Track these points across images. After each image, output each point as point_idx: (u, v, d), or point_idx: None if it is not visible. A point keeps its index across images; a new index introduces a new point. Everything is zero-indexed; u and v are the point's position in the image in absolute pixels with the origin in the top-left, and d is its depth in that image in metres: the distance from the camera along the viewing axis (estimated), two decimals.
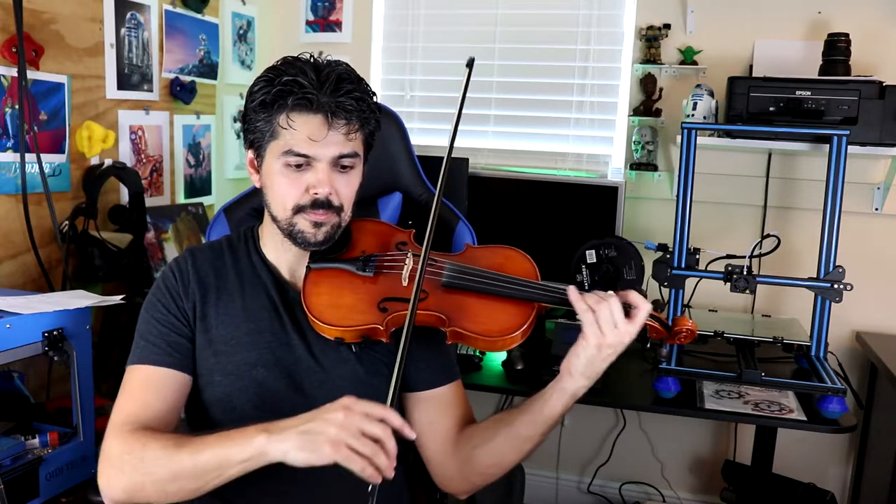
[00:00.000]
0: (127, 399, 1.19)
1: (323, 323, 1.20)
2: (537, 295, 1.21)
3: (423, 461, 1.33)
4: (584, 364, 1.15)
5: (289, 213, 1.20)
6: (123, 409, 1.18)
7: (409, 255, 1.26)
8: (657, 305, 2.40)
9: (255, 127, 1.20)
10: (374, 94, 1.23)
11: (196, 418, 1.28)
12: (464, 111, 3.00)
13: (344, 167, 1.21)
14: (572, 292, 1.16)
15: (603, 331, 1.12)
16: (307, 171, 1.19)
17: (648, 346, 2.30)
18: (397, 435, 1.33)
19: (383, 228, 1.36)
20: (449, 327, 1.20)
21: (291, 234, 1.22)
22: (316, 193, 1.18)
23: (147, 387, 1.20)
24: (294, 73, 1.16)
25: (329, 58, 1.22)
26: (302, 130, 1.16)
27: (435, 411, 1.30)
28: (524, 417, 1.21)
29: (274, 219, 1.24)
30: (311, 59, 1.20)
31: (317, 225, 1.20)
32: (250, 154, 1.25)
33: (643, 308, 1.14)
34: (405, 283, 1.23)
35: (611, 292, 1.15)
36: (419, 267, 1.15)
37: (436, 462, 1.30)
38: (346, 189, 1.22)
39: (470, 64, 1.23)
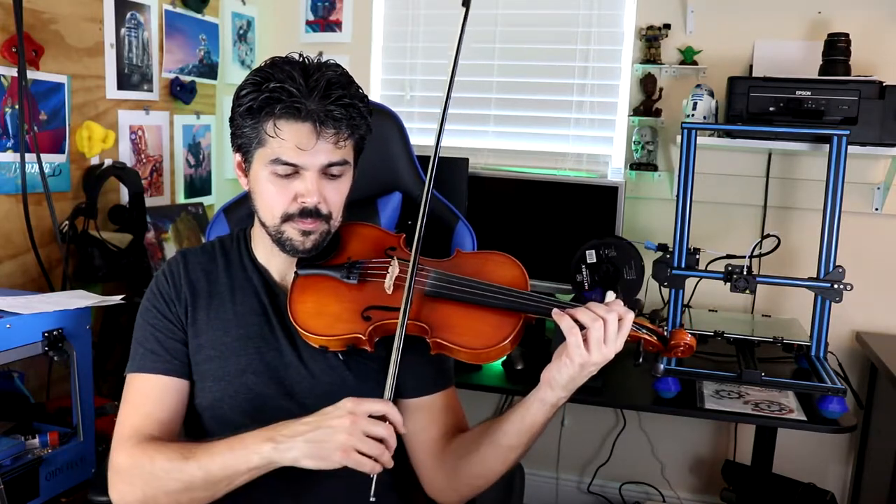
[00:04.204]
0: (130, 411, 1.20)
1: (307, 332, 1.19)
2: (523, 305, 1.17)
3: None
4: (565, 380, 1.10)
5: (277, 220, 1.19)
6: (127, 423, 1.18)
7: (395, 261, 1.23)
8: (656, 316, 2.39)
9: (243, 132, 1.18)
10: (365, 97, 1.20)
11: (189, 423, 1.27)
12: (464, 111, 2.99)
13: (333, 175, 1.19)
14: (556, 312, 1.11)
15: (590, 350, 1.07)
16: (295, 179, 1.17)
17: (641, 360, 2.26)
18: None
19: (373, 233, 1.33)
20: (431, 338, 1.17)
21: (280, 242, 1.21)
22: (304, 202, 1.17)
23: (148, 397, 1.20)
24: (282, 78, 1.13)
25: (319, 59, 1.19)
26: (289, 139, 1.13)
27: (424, 419, 1.27)
28: (506, 427, 1.17)
29: (263, 224, 1.22)
30: (301, 61, 1.17)
31: (305, 233, 1.19)
32: (238, 157, 1.24)
33: (626, 319, 1.08)
34: (389, 292, 1.20)
35: (606, 308, 1.09)
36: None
37: (425, 471, 1.27)
38: (335, 197, 1.20)
39: (466, 3, 1.17)
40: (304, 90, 1.13)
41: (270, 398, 1.21)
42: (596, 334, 1.07)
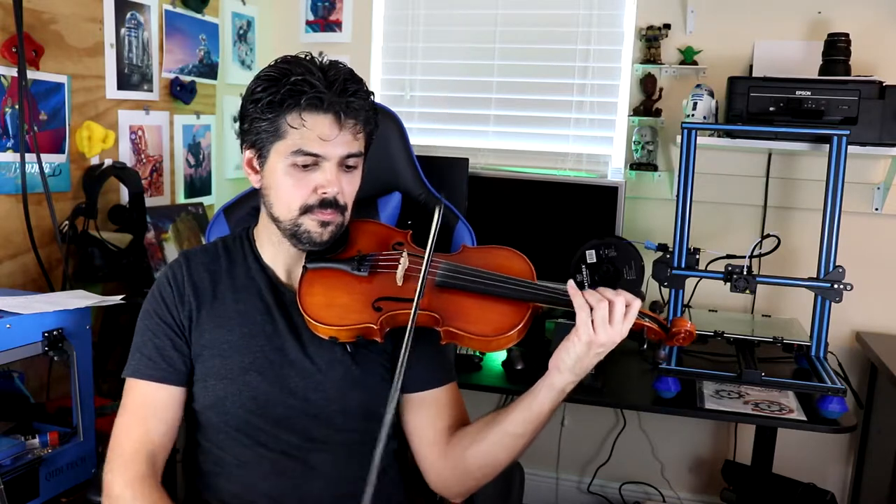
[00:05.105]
0: (129, 421, 1.22)
1: (317, 322, 1.20)
2: (532, 294, 1.20)
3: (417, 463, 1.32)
4: (572, 360, 1.13)
5: (294, 213, 1.20)
6: (128, 437, 1.20)
7: (404, 254, 1.25)
8: (656, 307, 2.40)
9: (259, 127, 1.19)
10: (372, 93, 1.23)
11: (193, 422, 1.28)
12: (464, 111, 3.01)
13: (349, 167, 1.21)
14: (571, 287, 1.15)
15: (596, 329, 1.11)
16: (314, 171, 1.19)
17: (645, 346, 2.28)
18: (395, 432, 1.33)
19: (380, 229, 1.36)
20: (443, 327, 1.19)
21: (296, 235, 1.22)
22: (325, 193, 1.19)
23: (147, 407, 1.22)
24: (301, 72, 1.16)
25: (327, 58, 1.21)
26: (313, 130, 1.16)
27: (428, 413, 1.28)
28: (514, 415, 1.20)
29: (276, 220, 1.23)
30: (313, 59, 1.20)
31: (323, 224, 1.20)
32: (249, 154, 1.24)
33: (633, 306, 1.13)
34: (399, 283, 1.23)
35: (615, 292, 1.14)
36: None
37: (429, 464, 1.28)
38: (349, 188, 1.22)
39: (440, 207, 1.18)
40: (326, 83, 1.16)
41: (274, 395, 1.22)
42: (601, 313, 1.10)
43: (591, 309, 1.11)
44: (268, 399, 1.22)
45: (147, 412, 1.21)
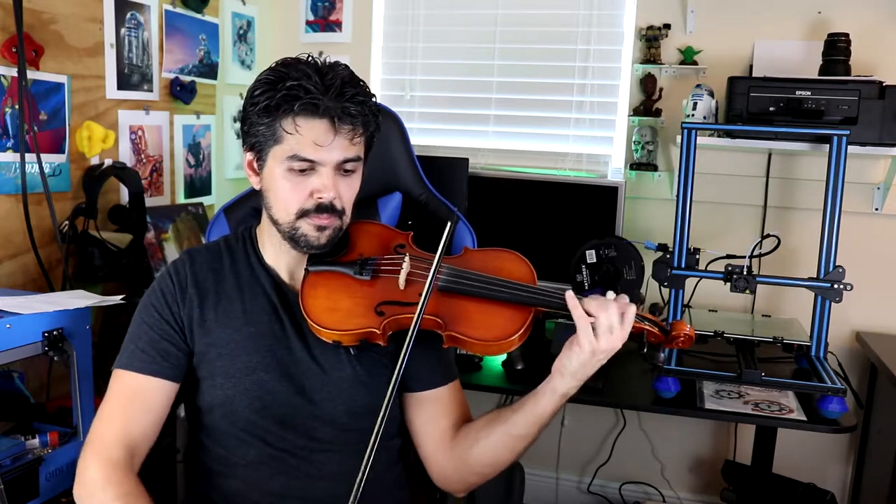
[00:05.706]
0: (113, 410, 1.20)
1: (320, 326, 1.20)
2: (534, 299, 1.20)
3: (420, 460, 1.33)
4: (575, 367, 1.15)
5: (292, 217, 1.20)
6: (110, 424, 1.18)
7: (406, 258, 1.25)
8: (655, 310, 2.40)
9: (257, 131, 1.19)
10: (373, 95, 1.22)
11: (197, 421, 1.28)
12: (464, 111, 3.01)
13: (346, 171, 1.21)
14: (570, 298, 1.15)
15: (598, 337, 1.12)
16: (311, 175, 1.18)
17: (645, 350, 2.27)
18: (399, 430, 1.34)
19: (381, 231, 1.36)
20: (445, 331, 1.20)
21: (293, 238, 1.22)
22: (321, 198, 1.18)
23: (133, 398, 1.20)
24: (298, 76, 1.15)
25: (328, 59, 1.21)
26: (307, 135, 1.15)
27: (432, 411, 1.30)
28: (516, 417, 1.21)
29: (275, 222, 1.23)
30: (313, 62, 1.19)
31: (320, 229, 1.20)
32: (249, 156, 1.24)
33: (629, 312, 1.14)
34: (402, 287, 1.23)
35: (608, 298, 1.15)
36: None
37: (433, 461, 1.30)
38: (348, 192, 1.22)
39: (454, 221, 1.20)
40: (321, 88, 1.15)
41: (281, 394, 1.22)
42: (603, 322, 1.12)
43: (593, 317, 1.12)
44: (274, 399, 1.22)
45: (133, 403, 1.20)
